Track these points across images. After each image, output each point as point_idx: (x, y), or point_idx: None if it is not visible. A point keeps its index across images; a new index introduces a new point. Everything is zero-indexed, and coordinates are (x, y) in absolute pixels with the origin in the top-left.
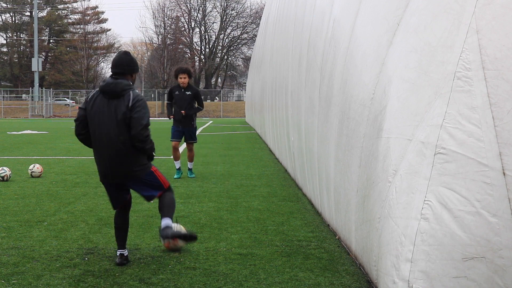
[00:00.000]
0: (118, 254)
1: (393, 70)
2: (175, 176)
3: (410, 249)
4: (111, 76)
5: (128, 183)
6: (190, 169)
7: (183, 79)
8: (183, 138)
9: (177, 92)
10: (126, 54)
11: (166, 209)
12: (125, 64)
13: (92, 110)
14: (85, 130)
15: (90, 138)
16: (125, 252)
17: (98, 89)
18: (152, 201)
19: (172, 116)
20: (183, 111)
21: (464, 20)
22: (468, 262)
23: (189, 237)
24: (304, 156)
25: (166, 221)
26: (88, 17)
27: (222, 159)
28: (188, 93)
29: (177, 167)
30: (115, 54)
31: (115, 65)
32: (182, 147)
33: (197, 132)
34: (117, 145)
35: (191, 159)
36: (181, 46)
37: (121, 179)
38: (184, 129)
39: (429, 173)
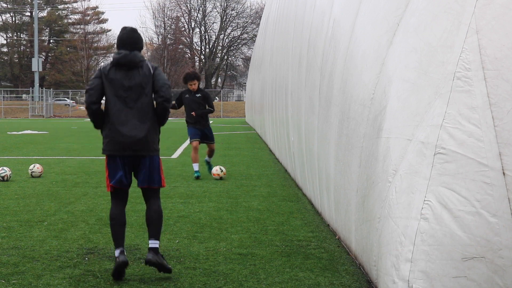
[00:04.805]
0: (119, 252)
1: (393, 70)
2: (195, 175)
3: (410, 249)
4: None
5: (142, 158)
6: (208, 162)
7: (193, 86)
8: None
9: (187, 95)
10: (134, 31)
11: (155, 227)
12: (136, 41)
13: (110, 81)
14: (100, 99)
15: (101, 110)
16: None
17: (110, 62)
18: (145, 186)
19: (173, 102)
20: (193, 113)
21: (464, 20)
22: (468, 262)
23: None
24: (304, 156)
25: (154, 244)
26: (88, 17)
27: (222, 159)
28: (198, 95)
29: (196, 169)
30: (121, 31)
31: (128, 42)
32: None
33: None
34: (141, 113)
35: (211, 155)
36: (181, 46)
37: (138, 149)
38: (203, 129)
39: (429, 173)
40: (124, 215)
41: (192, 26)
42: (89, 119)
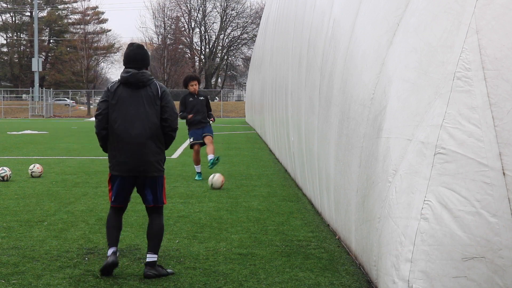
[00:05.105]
0: (112, 252)
1: (393, 70)
2: (196, 178)
3: (410, 249)
4: (129, 67)
5: (145, 179)
6: (213, 164)
7: (194, 86)
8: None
9: (191, 99)
10: (141, 48)
11: (155, 241)
12: (143, 58)
13: (117, 100)
14: (108, 125)
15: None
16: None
17: (118, 80)
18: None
19: (191, 116)
20: (212, 119)
21: (464, 20)
22: (468, 262)
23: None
24: (304, 156)
25: (152, 258)
26: (88, 17)
27: (222, 159)
28: (201, 98)
29: (198, 171)
30: (128, 47)
31: (133, 60)
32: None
33: None
34: (146, 134)
35: (211, 151)
36: (181, 46)
37: (143, 170)
38: (203, 130)
39: (429, 173)
40: (121, 222)
41: (192, 26)
42: (88, 119)
